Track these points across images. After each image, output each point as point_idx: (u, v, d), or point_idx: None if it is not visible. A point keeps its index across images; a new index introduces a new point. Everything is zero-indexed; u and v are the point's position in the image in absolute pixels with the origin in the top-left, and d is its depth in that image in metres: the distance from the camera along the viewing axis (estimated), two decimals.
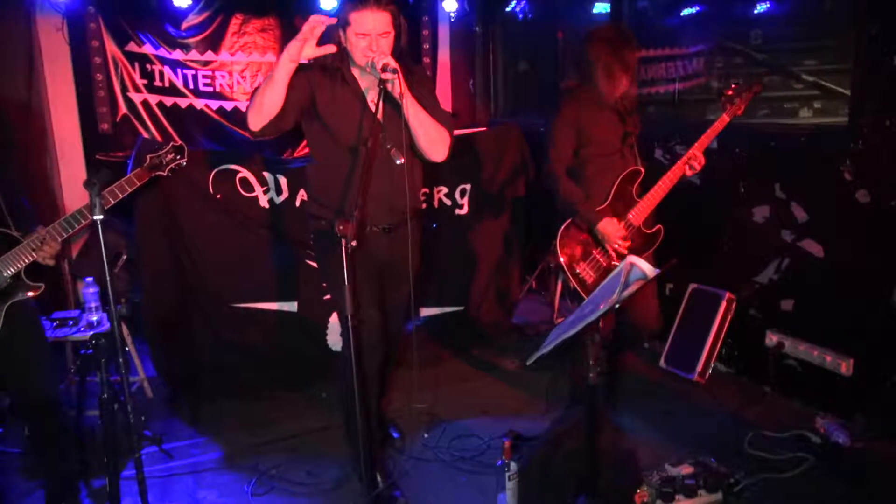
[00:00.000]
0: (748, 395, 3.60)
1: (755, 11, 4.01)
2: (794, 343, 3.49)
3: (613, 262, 3.01)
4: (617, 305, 1.92)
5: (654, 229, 3.11)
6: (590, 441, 2.25)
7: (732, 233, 3.84)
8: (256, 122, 2.46)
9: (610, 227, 2.96)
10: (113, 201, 2.51)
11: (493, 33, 5.99)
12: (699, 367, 3.73)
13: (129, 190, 2.56)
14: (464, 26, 5.93)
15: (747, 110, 3.10)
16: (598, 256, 3.04)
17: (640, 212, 3.02)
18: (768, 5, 3.97)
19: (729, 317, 3.77)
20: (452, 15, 5.70)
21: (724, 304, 3.75)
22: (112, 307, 1.88)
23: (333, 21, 2.44)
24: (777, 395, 3.57)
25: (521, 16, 5.68)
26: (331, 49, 2.45)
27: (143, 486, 2.09)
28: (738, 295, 3.77)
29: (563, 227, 3.03)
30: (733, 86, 3.06)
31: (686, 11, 4.41)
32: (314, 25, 2.35)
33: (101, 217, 1.99)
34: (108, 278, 1.89)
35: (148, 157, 2.73)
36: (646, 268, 1.92)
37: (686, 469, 2.78)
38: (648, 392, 3.69)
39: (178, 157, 2.79)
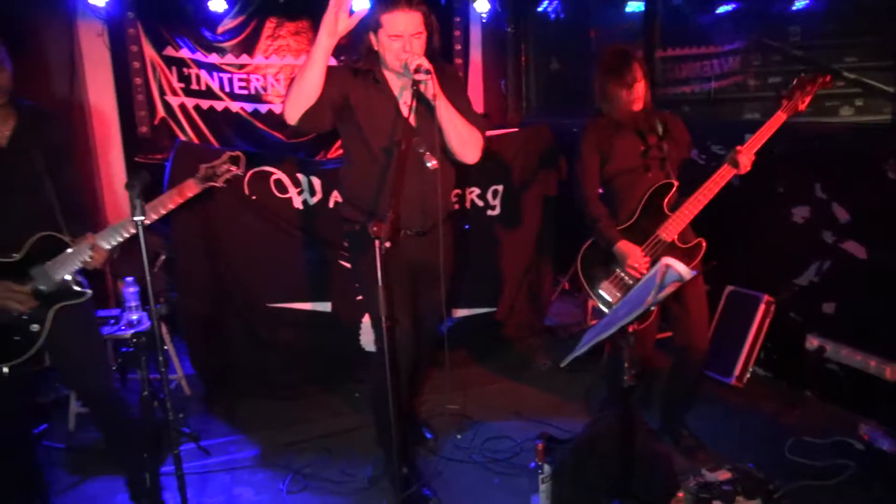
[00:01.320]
0: (788, 399, 3.52)
1: (793, 7, 3.93)
2: (836, 347, 3.40)
3: (637, 278, 2.90)
4: (652, 308, 1.90)
5: (692, 243, 2.95)
6: (624, 443, 2.23)
7: (771, 234, 3.76)
8: (294, 111, 2.44)
9: (628, 250, 2.87)
10: (164, 211, 2.53)
11: (525, 33, 5.97)
12: (737, 371, 3.67)
13: (181, 201, 2.59)
14: (495, 27, 5.92)
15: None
16: (621, 274, 2.95)
17: (672, 227, 2.88)
18: (807, 1, 3.88)
19: (768, 320, 3.70)
20: (484, 15, 5.70)
21: (762, 306, 3.69)
22: (152, 306, 1.92)
23: None
24: (818, 400, 3.49)
25: (553, 15, 5.66)
26: (361, 14, 2.40)
27: (182, 481, 2.13)
28: (777, 297, 3.70)
29: (584, 248, 3.02)
30: (795, 80, 2.87)
31: (722, 9, 4.34)
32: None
33: (142, 218, 2.02)
34: (148, 278, 1.93)
35: (202, 167, 2.71)
36: (682, 269, 1.89)
37: (724, 474, 2.73)
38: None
39: (234, 167, 2.77)
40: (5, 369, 2.32)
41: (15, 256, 2.32)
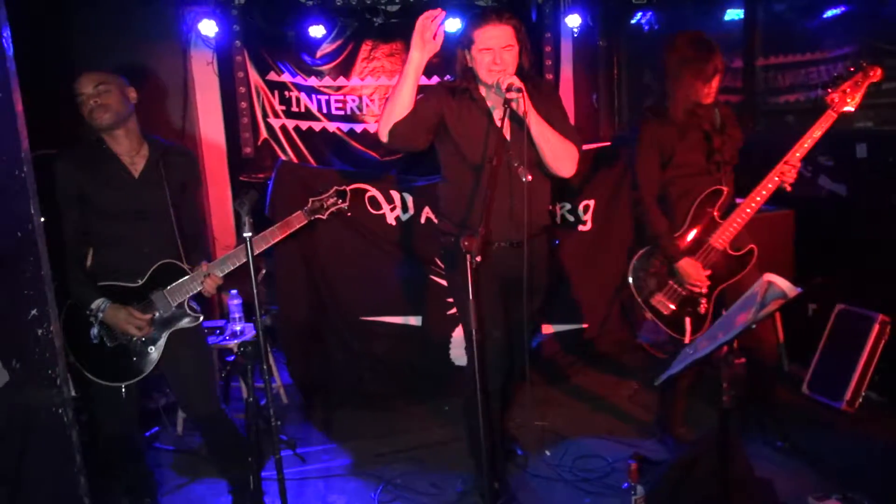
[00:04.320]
0: None
1: None
2: None
3: (695, 292, 2.87)
4: (753, 326, 1.83)
5: (744, 250, 2.88)
6: (722, 468, 2.15)
7: (885, 249, 3.52)
8: (386, 128, 2.51)
9: (690, 269, 2.82)
10: (273, 241, 2.69)
11: (618, 47, 5.89)
12: (848, 395, 3.44)
13: (289, 231, 2.74)
14: (587, 41, 5.87)
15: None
16: (674, 286, 2.91)
17: (723, 235, 2.83)
18: None
19: (882, 341, 3.45)
20: (575, 30, 5.67)
21: (876, 326, 3.44)
22: (258, 318, 2.03)
23: (441, 14, 2.44)
24: None
25: (646, 27, 5.55)
26: (443, 31, 2.47)
27: (282, 485, 2.23)
28: (892, 317, 3.45)
29: (636, 257, 2.96)
30: (841, 74, 2.77)
31: (830, 13, 4.13)
32: (427, 15, 2.40)
33: (251, 234, 2.16)
34: (255, 292, 2.04)
35: (310, 200, 2.85)
36: (785, 286, 1.81)
37: None
38: (789, 419, 3.44)
39: (340, 201, 2.91)
40: (123, 389, 2.52)
41: (139, 282, 2.54)
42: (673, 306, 2.92)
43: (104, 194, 2.47)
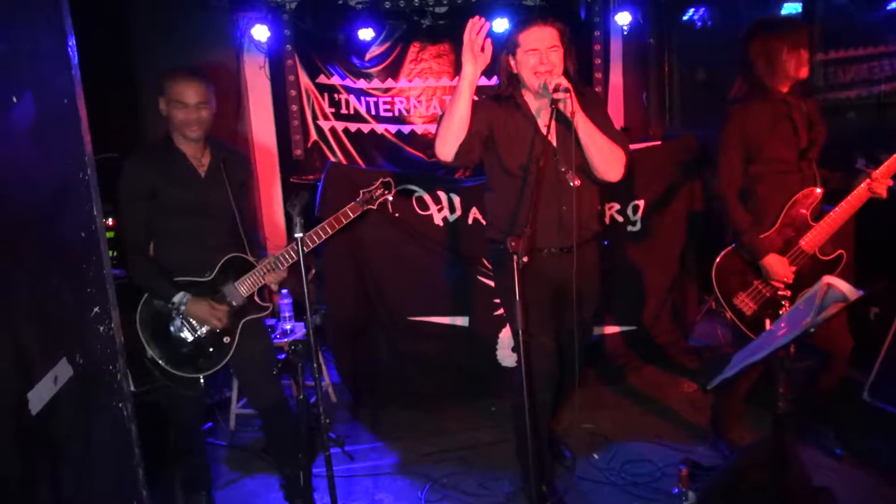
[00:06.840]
0: None
1: None
2: None
3: (780, 294, 2.76)
4: (811, 330, 1.77)
5: (832, 255, 2.78)
6: (777, 475, 2.09)
7: None
8: (448, 148, 2.49)
9: (777, 266, 2.72)
10: (331, 231, 2.78)
11: (669, 44, 5.78)
12: None
13: (345, 222, 2.82)
14: (637, 39, 5.79)
15: None
16: (759, 286, 2.81)
17: (814, 238, 2.73)
18: None
19: None
20: (625, 28, 5.59)
21: None
22: (308, 317, 2.07)
23: (485, 24, 2.37)
24: None
25: (699, 24, 5.44)
26: (489, 49, 2.40)
27: (332, 482, 2.26)
28: None
29: (721, 255, 2.85)
30: None
31: (894, 4, 3.97)
32: (472, 29, 2.34)
33: (302, 234, 2.21)
34: (306, 291, 2.08)
35: (361, 192, 2.94)
36: (845, 289, 1.75)
37: None
38: (849, 426, 3.32)
39: (386, 191, 2.99)
40: (202, 379, 2.62)
41: (208, 276, 2.64)
42: (755, 306, 2.82)
43: (175, 192, 2.56)
